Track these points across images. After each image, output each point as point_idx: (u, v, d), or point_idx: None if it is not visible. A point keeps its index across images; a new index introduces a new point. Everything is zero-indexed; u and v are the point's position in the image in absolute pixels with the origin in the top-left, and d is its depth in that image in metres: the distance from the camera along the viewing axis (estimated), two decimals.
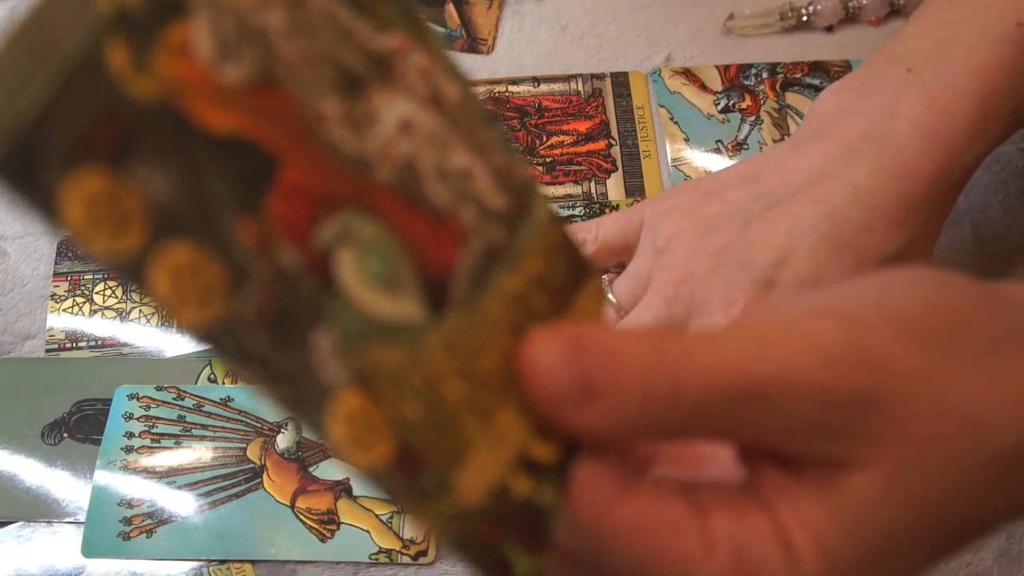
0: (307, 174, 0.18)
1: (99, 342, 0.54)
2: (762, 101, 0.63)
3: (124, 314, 0.55)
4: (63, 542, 0.48)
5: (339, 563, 0.47)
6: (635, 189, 0.59)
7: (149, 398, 0.52)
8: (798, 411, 0.20)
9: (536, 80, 0.64)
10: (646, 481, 0.21)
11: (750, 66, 0.64)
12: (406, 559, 0.47)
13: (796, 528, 0.20)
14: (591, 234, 0.48)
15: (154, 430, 0.51)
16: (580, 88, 0.64)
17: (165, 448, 0.50)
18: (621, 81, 0.64)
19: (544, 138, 0.62)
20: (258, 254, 0.17)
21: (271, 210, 0.17)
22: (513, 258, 0.21)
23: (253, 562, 0.47)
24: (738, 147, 0.61)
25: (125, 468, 0.50)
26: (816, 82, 0.63)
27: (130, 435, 0.50)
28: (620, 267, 0.49)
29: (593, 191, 0.59)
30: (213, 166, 0.17)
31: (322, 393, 0.18)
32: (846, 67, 0.64)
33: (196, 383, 0.52)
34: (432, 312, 0.20)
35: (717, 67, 0.65)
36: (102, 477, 0.49)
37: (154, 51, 0.16)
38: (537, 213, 0.22)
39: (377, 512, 0.48)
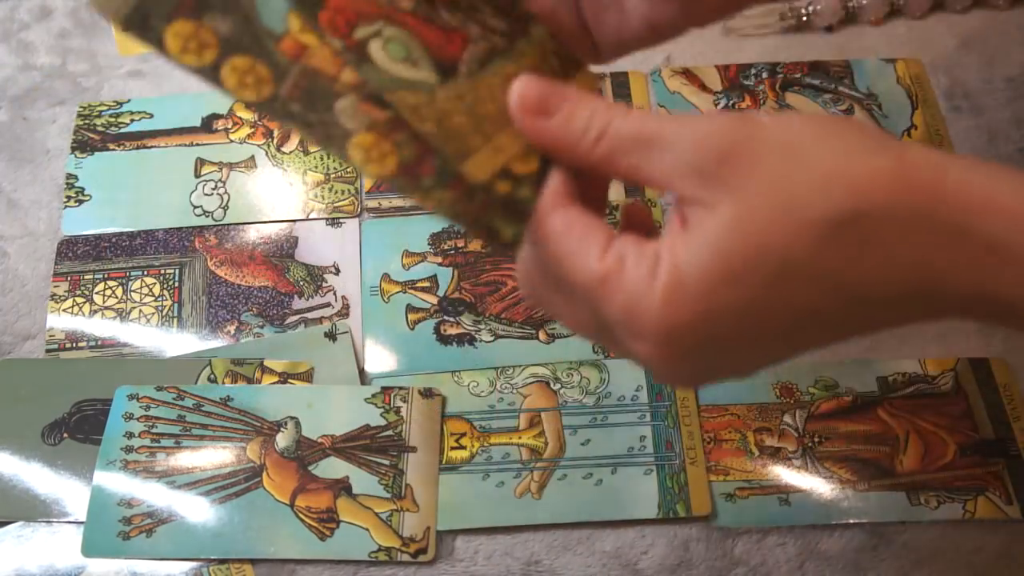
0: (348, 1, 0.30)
1: (99, 342, 0.54)
2: (762, 101, 0.63)
3: (124, 314, 0.55)
4: (63, 542, 0.48)
5: (339, 562, 0.47)
6: (635, 188, 0.59)
7: (149, 398, 0.52)
8: (680, 154, 0.28)
9: None
10: (596, 204, 0.31)
11: (750, 66, 0.64)
12: (405, 557, 0.47)
13: (664, 251, 0.28)
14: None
15: (154, 430, 0.51)
16: None
17: (165, 448, 0.50)
18: (621, 81, 0.64)
19: None
20: (293, 59, 0.29)
21: (322, 19, 0.30)
22: (511, 55, 0.32)
23: (253, 561, 0.47)
24: None
25: (125, 468, 0.50)
26: (816, 82, 0.63)
27: (130, 435, 0.50)
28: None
29: None
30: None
31: (345, 134, 0.30)
32: (846, 67, 0.64)
33: (196, 383, 0.52)
34: (443, 78, 0.31)
35: (717, 67, 0.64)
36: (102, 477, 0.49)
37: None
38: (535, 34, 0.33)
39: (376, 510, 0.48)
